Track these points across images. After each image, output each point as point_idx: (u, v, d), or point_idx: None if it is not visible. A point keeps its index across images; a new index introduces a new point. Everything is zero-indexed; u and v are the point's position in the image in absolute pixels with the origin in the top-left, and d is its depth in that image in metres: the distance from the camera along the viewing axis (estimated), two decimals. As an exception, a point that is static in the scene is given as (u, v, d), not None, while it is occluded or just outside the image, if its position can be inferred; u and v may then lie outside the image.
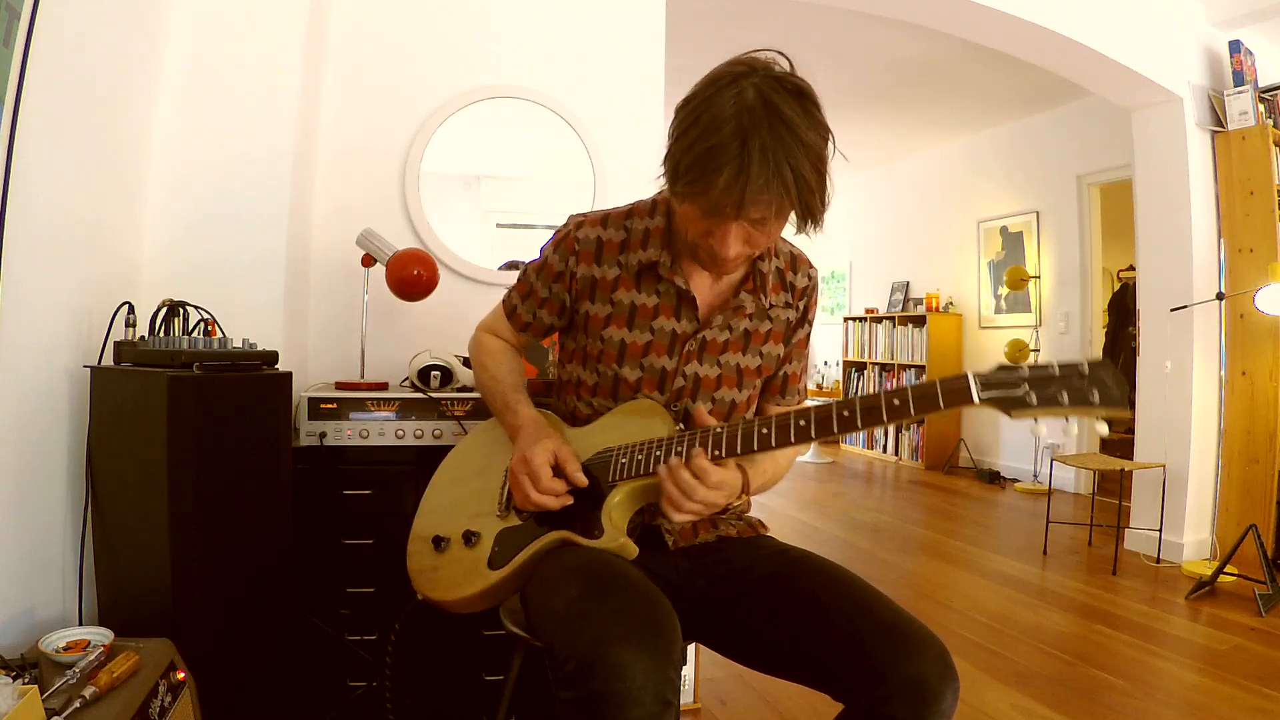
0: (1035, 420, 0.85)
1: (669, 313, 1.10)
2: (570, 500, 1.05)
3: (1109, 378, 0.81)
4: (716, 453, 0.95)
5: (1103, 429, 0.86)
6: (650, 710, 0.77)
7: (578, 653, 0.80)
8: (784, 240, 1.17)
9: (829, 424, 0.90)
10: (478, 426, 1.31)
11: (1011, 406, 0.83)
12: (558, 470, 1.05)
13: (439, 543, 1.16)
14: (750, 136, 0.86)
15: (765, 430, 0.93)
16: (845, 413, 0.89)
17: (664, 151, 0.95)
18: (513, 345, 1.28)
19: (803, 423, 0.91)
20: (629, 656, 0.78)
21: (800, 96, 0.90)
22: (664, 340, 1.10)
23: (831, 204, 0.95)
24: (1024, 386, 0.83)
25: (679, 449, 0.97)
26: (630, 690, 0.77)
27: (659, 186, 0.99)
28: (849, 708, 0.89)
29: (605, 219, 1.14)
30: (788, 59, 0.94)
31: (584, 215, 1.16)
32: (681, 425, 1.07)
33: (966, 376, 0.84)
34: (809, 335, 1.22)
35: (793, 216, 0.96)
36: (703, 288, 1.11)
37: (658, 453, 0.99)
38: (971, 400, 0.84)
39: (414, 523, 1.23)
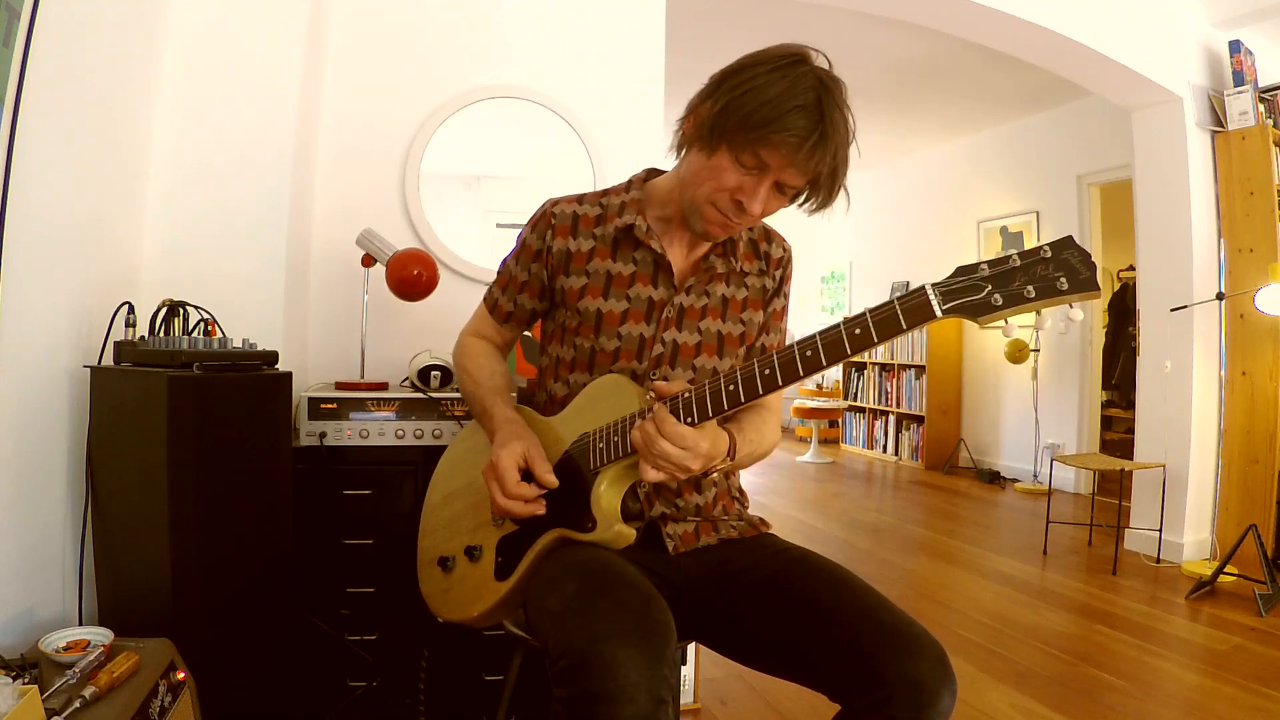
0: (1005, 321, 0.80)
1: (646, 280, 1.11)
2: (541, 508, 1.03)
3: (1075, 258, 0.76)
4: (689, 419, 0.93)
5: (1076, 314, 0.81)
6: (644, 708, 0.77)
7: (572, 650, 0.80)
8: None
9: (794, 367, 0.87)
10: (456, 437, 1.29)
11: (977, 313, 0.78)
12: (529, 474, 1.04)
13: (445, 563, 1.16)
14: (826, 111, 0.93)
15: (732, 386, 0.90)
16: (809, 352, 0.86)
17: (718, 103, 0.96)
18: (496, 345, 1.28)
19: (768, 371, 0.89)
20: (623, 654, 0.78)
21: (842, 90, 0.97)
22: (641, 308, 1.10)
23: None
24: (987, 288, 0.78)
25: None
26: (624, 688, 0.76)
27: (678, 137, 1.05)
28: (846, 708, 0.89)
29: (581, 198, 1.18)
30: (825, 57, 0.99)
31: (560, 196, 1.19)
32: (652, 394, 1.07)
33: (924, 289, 0.79)
34: (785, 308, 1.23)
35: (810, 201, 1.02)
36: (678, 256, 1.13)
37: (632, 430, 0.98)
38: (934, 315, 0.79)
39: (418, 547, 1.23)
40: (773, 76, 0.94)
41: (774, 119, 0.92)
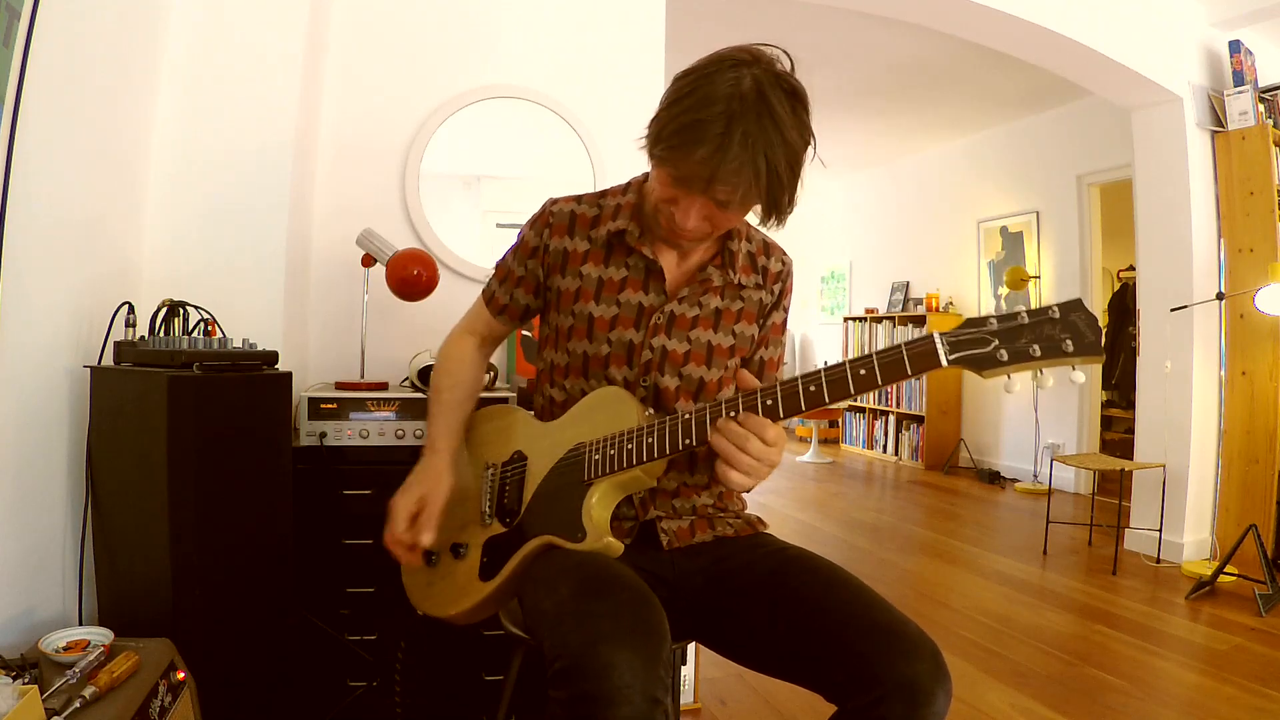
0: (1008, 377, 0.81)
1: (636, 286, 1.11)
2: (417, 560, 1.12)
3: (1082, 321, 0.78)
4: (687, 441, 0.95)
5: (1079, 377, 0.82)
6: (640, 709, 0.77)
7: (567, 652, 0.80)
8: (756, 229, 1.18)
9: (796, 401, 0.89)
10: None
11: (982, 366, 0.80)
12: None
13: (429, 557, 1.16)
14: (736, 120, 0.88)
15: (733, 413, 0.92)
16: (812, 387, 0.88)
17: (653, 114, 0.96)
18: (486, 340, 1.27)
19: (769, 402, 0.91)
20: (618, 656, 0.78)
21: (793, 97, 0.92)
22: (630, 313, 1.10)
23: (799, 204, 0.97)
24: (993, 342, 0.80)
25: (649, 438, 0.97)
26: (620, 689, 0.77)
27: (639, 148, 1.01)
28: (842, 709, 0.89)
29: (580, 198, 1.18)
30: (790, 59, 0.95)
31: (560, 196, 1.19)
32: (651, 410, 1.07)
33: (933, 338, 0.82)
34: (784, 322, 1.23)
35: (755, 210, 0.98)
36: (671, 263, 1.13)
37: (629, 445, 0.99)
38: (939, 363, 0.81)
39: None
40: (694, 85, 0.91)
41: (678, 132, 0.90)
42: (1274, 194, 3.15)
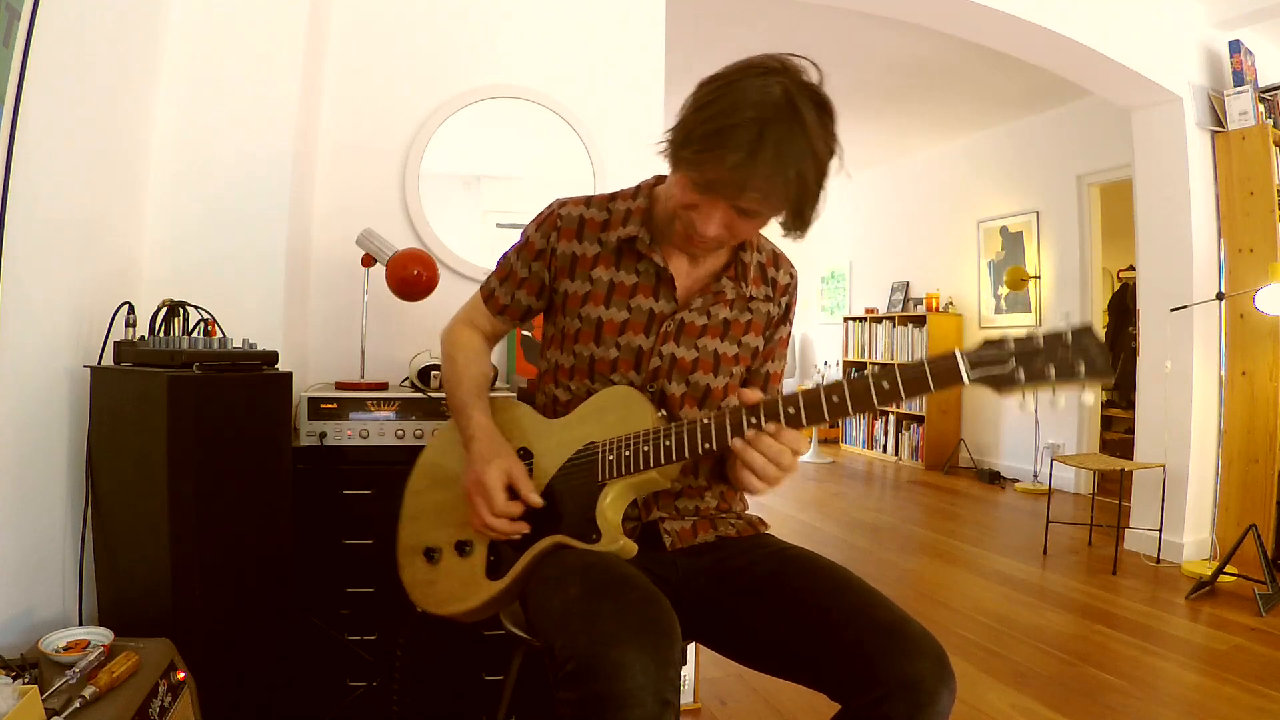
0: (1024, 396, 0.87)
1: (647, 292, 1.11)
2: (526, 528, 1.05)
3: (1093, 346, 0.82)
4: (707, 445, 0.96)
5: (1088, 398, 0.87)
6: (650, 710, 0.77)
7: (578, 653, 0.80)
8: (766, 238, 1.18)
9: (820, 410, 0.91)
10: (443, 426, 1.28)
11: (1001, 385, 0.85)
12: (514, 492, 1.05)
13: (431, 554, 1.15)
14: (768, 129, 0.88)
15: (754, 420, 0.94)
16: (835, 398, 0.90)
17: (676, 118, 0.95)
18: (486, 335, 1.26)
19: (791, 410, 0.92)
20: (629, 657, 0.78)
21: (821, 108, 0.92)
22: (641, 319, 1.10)
23: (821, 215, 0.97)
24: (1011, 363, 0.84)
25: (668, 441, 0.97)
26: (631, 690, 0.76)
27: (657, 151, 1.00)
28: (846, 708, 0.89)
29: (589, 200, 1.16)
30: (818, 70, 0.95)
31: (568, 197, 1.18)
32: (664, 412, 1.07)
33: (955, 356, 0.85)
34: (789, 335, 1.23)
35: (777, 220, 0.98)
36: (681, 270, 1.12)
37: (646, 448, 0.98)
38: (961, 381, 0.85)
39: (399, 533, 1.20)
40: (723, 90, 0.91)
41: (708, 136, 0.89)
42: (1274, 194, 3.15)
